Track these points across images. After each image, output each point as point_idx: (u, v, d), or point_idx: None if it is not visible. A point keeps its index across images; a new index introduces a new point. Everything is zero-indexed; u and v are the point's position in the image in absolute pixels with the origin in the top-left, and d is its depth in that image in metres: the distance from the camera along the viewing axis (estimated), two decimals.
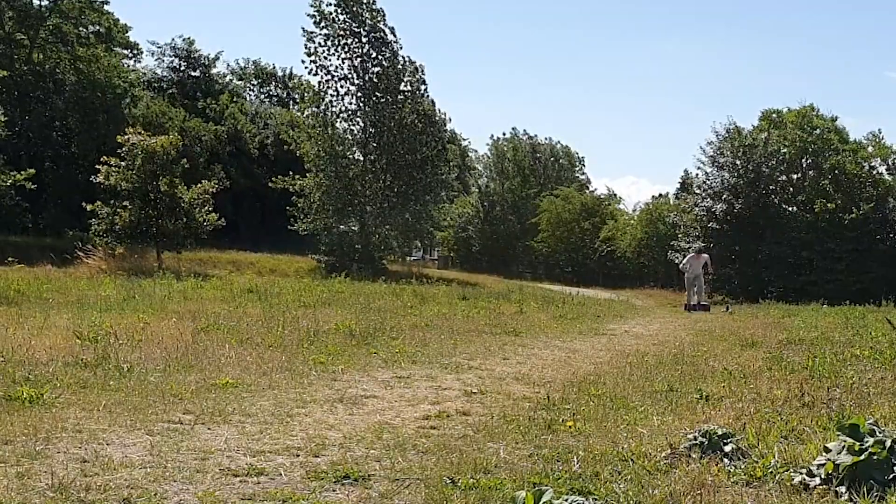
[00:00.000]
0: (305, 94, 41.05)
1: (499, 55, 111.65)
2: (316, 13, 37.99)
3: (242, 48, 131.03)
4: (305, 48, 38.14)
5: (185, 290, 16.19)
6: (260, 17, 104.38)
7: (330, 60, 38.53)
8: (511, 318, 13.63)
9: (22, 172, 27.78)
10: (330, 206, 38.02)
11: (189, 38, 54.89)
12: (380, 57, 38.96)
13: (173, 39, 55.15)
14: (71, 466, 3.90)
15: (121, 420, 4.98)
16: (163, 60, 55.20)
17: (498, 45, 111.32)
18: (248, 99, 59.10)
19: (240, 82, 60.82)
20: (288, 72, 62.16)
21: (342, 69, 38.71)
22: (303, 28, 38.11)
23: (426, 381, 6.92)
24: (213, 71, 57.11)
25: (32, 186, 28.55)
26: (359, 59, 38.85)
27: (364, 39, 38.65)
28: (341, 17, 38.30)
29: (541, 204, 52.50)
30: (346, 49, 38.60)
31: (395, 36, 39.23)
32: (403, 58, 39.50)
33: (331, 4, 38.18)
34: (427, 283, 24.44)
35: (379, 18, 38.76)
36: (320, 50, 38.23)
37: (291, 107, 58.64)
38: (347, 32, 38.48)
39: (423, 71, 39.82)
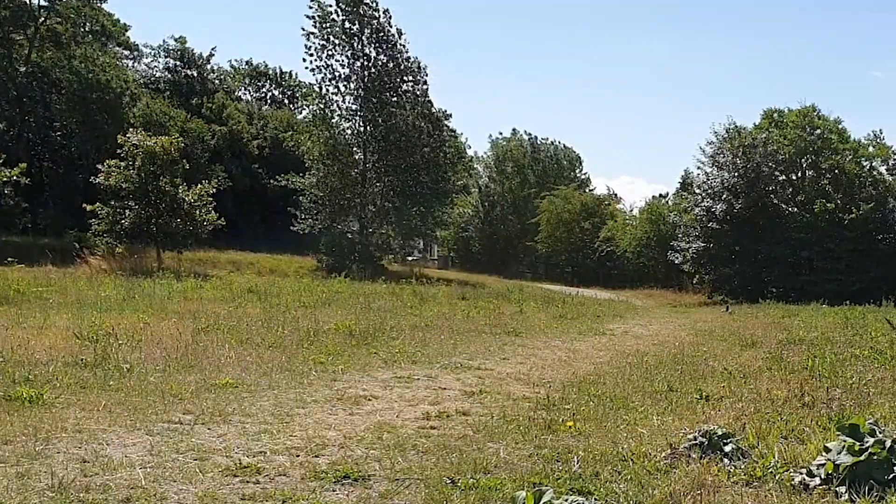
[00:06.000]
0: (307, 93, 41.01)
1: (499, 55, 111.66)
2: (316, 15, 37.99)
3: (235, 48, 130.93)
4: (306, 47, 38.16)
5: (185, 290, 16.18)
6: (252, 16, 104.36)
7: (330, 60, 38.55)
8: (511, 318, 13.62)
9: (15, 168, 27.15)
10: (330, 205, 38.02)
11: (181, 38, 54.58)
12: (381, 57, 38.93)
13: (164, 41, 54.85)
14: (71, 466, 3.89)
15: (121, 420, 4.97)
16: (158, 62, 55.05)
17: (498, 45, 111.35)
18: (243, 99, 58.93)
19: (232, 81, 60.61)
20: (278, 69, 62.09)
21: (342, 69, 38.72)
22: (303, 28, 38.15)
23: (426, 381, 6.92)
24: (209, 66, 56.80)
25: (27, 181, 28.16)
26: (359, 60, 38.84)
27: (365, 40, 38.63)
28: (341, 18, 38.30)
29: (541, 204, 52.47)
30: (347, 49, 38.59)
31: (400, 37, 39.24)
32: (409, 59, 39.44)
33: (331, 5, 38.19)
34: (427, 283, 24.41)
35: (385, 20, 38.72)
36: (321, 50, 38.24)
37: (286, 105, 58.56)
38: (349, 33, 38.48)
39: (426, 72, 39.82)
